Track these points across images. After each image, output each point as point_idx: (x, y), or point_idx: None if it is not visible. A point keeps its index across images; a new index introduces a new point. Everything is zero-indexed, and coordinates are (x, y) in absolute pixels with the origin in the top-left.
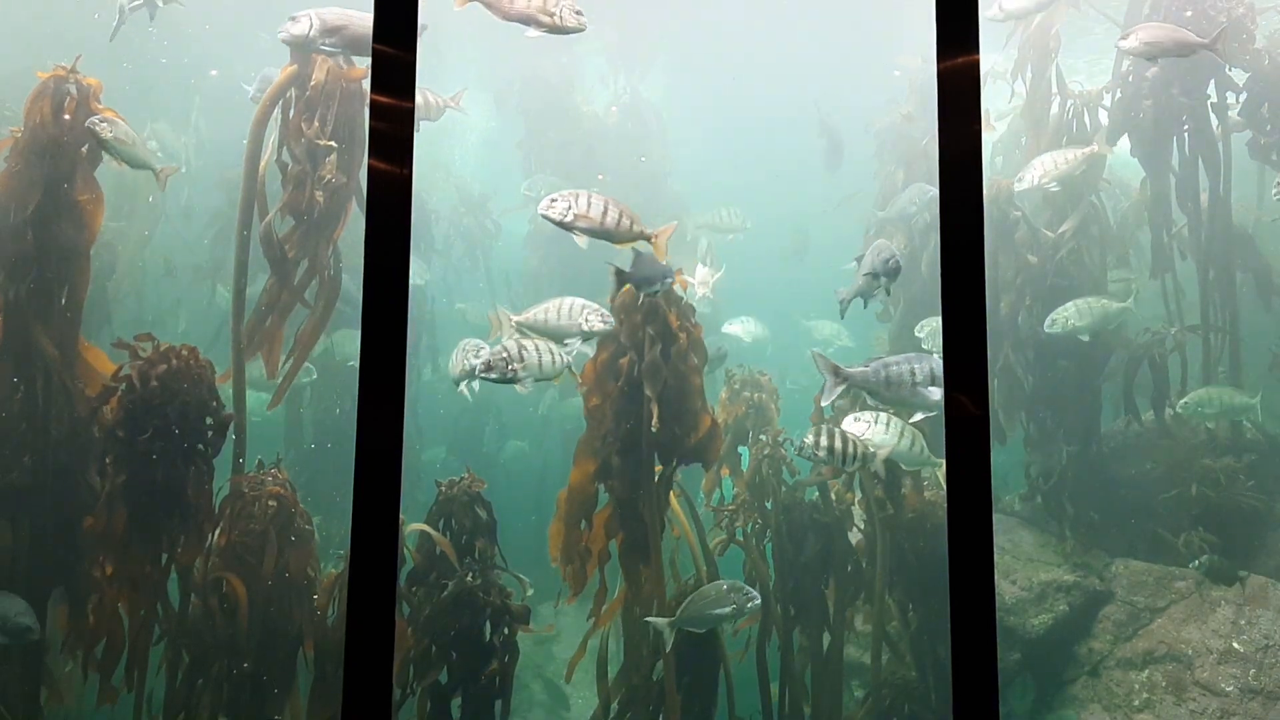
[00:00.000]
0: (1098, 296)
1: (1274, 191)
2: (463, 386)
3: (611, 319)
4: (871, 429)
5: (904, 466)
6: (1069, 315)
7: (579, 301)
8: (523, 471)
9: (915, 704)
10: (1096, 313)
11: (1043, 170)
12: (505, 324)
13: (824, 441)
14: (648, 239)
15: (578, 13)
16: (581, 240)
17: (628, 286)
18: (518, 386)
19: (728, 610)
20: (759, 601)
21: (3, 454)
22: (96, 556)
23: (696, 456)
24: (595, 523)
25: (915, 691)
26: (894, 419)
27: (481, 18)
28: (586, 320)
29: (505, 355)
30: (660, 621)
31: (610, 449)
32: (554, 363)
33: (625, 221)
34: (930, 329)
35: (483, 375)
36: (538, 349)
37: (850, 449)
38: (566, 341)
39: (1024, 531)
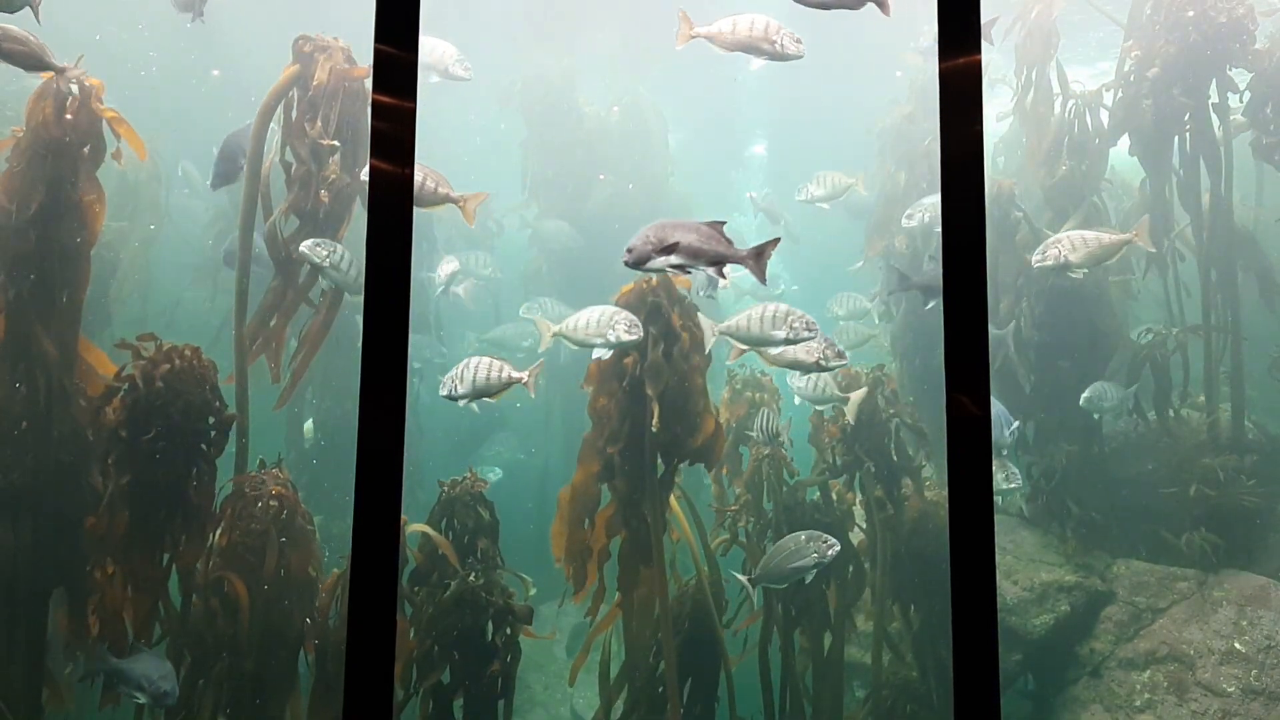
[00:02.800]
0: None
1: (1035, 258)
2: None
3: (639, 329)
4: (795, 377)
5: (815, 406)
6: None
7: (610, 309)
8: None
9: (916, 704)
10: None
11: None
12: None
13: (757, 421)
14: (455, 203)
15: (797, 41)
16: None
17: (628, 286)
18: (465, 404)
19: (809, 561)
20: (838, 548)
21: (4, 454)
22: (98, 557)
23: (699, 457)
24: (597, 522)
25: (916, 692)
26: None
27: (481, 18)
28: (614, 328)
29: (451, 375)
30: (743, 578)
31: (613, 449)
32: (489, 379)
33: (430, 185)
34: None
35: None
36: (475, 366)
37: (770, 425)
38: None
39: (1025, 532)
